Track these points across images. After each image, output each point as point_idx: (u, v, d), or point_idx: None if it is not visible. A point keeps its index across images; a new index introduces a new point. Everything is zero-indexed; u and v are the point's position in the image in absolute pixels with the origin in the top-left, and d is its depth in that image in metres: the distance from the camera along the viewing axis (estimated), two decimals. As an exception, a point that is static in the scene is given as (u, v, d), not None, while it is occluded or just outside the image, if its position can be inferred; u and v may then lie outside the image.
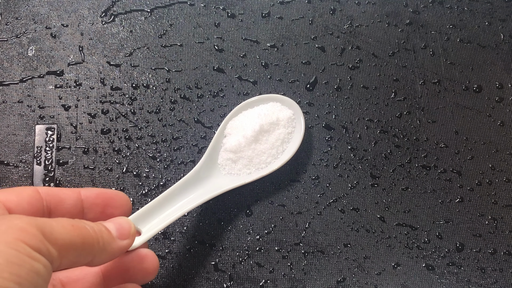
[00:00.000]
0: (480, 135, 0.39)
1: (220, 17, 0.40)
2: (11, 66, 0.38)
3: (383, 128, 0.39)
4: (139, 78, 0.38)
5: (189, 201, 0.32)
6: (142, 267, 0.28)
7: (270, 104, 0.36)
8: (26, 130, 0.37)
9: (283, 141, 0.35)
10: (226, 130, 0.36)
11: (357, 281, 0.35)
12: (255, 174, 0.34)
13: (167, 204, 0.31)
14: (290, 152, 0.35)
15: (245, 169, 0.35)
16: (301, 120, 0.36)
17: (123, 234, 0.26)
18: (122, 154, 0.37)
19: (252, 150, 0.34)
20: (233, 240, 0.35)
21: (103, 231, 0.25)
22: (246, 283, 0.34)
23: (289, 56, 0.40)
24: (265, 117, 0.35)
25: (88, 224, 0.24)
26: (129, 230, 0.27)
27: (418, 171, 0.38)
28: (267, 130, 0.35)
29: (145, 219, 0.30)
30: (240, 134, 0.34)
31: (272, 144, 0.35)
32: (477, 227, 0.37)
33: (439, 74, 0.41)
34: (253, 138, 0.34)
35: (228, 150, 0.35)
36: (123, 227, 0.26)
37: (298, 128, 0.36)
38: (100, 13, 0.40)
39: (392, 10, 0.42)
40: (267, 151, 0.35)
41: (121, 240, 0.26)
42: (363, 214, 0.37)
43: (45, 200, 0.26)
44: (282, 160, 0.35)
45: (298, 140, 0.35)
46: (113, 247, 0.25)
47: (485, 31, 0.42)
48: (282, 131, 0.35)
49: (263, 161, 0.35)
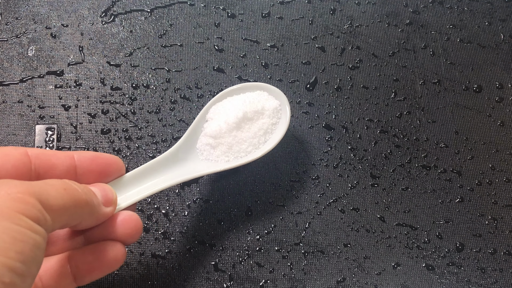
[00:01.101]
0: (480, 135, 0.39)
1: (220, 17, 0.40)
2: (11, 66, 0.38)
3: (383, 128, 0.39)
4: (139, 78, 0.38)
5: (164, 180, 0.31)
6: (124, 229, 0.27)
7: (256, 93, 0.35)
8: (26, 130, 0.37)
9: (266, 131, 0.34)
10: (208, 114, 0.34)
11: (357, 281, 0.35)
12: (233, 162, 0.33)
13: (144, 179, 0.31)
14: (271, 143, 0.34)
15: (224, 156, 0.33)
16: (287, 111, 0.34)
17: (107, 201, 0.26)
18: (122, 154, 0.37)
19: (233, 137, 0.33)
20: (233, 240, 0.35)
21: (92, 195, 0.24)
22: (246, 283, 0.34)
23: (289, 56, 0.40)
24: (250, 105, 0.34)
25: (79, 186, 0.23)
26: (112, 197, 0.26)
27: (418, 171, 0.38)
28: (251, 118, 0.33)
29: (122, 189, 0.30)
30: (222, 120, 0.33)
31: (255, 133, 0.34)
32: (477, 227, 0.37)
33: (439, 74, 0.41)
34: (235, 125, 0.33)
35: (208, 135, 0.33)
36: (107, 194, 0.26)
37: (283, 120, 0.34)
38: (100, 13, 0.40)
39: (392, 10, 0.42)
40: (248, 140, 0.33)
41: (105, 206, 0.25)
42: (363, 214, 0.37)
43: (34, 164, 0.25)
44: (263, 150, 0.33)
45: (281, 131, 0.34)
46: (100, 212, 0.25)
47: (485, 31, 0.42)
48: (266, 121, 0.34)
49: (243, 149, 0.33)
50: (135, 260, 0.34)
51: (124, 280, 0.34)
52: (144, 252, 0.34)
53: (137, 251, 0.34)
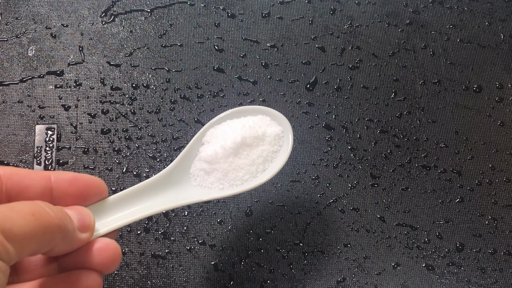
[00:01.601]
0: (480, 135, 0.39)
1: (220, 17, 0.40)
2: (11, 66, 0.38)
3: (383, 128, 0.39)
4: (139, 78, 0.38)
5: (151, 206, 0.29)
6: (101, 258, 0.24)
7: (258, 117, 0.33)
8: (26, 130, 0.37)
9: (266, 159, 0.32)
10: (205, 137, 0.32)
11: (357, 281, 0.35)
12: (228, 191, 0.31)
13: (129, 203, 0.29)
14: (271, 172, 0.31)
15: (218, 183, 0.31)
16: (290, 139, 0.32)
17: (84, 226, 0.24)
18: (122, 154, 0.37)
19: (229, 164, 0.31)
20: (233, 240, 0.35)
21: (67, 219, 0.22)
22: (246, 283, 0.34)
23: (289, 56, 0.40)
24: (250, 130, 0.31)
25: (52, 209, 0.21)
26: (89, 222, 0.24)
27: (418, 171, 0.38)
28: (250, 144, 0.31)
29: (103, 213, 0.27)
30: (219, 144, 0.31)
31: (253, 160, 0.31)
32: (477, 227, 0.37)
33: (439, 74, 0.41)
34: (232, 151, 0.31)
35: (202, 159, 0.31)
36: (85, 218, 0.24)
37: (285, 148, 0.32)
38: (100, 13, 0.40)
39: (392, 10, 0.42)
40: (245, 167, 0.31)
41: (81, 232, 0.23)
42: (363, 214, 0.37)
43: (5, 185, 0.23)
44: (261, 180, 0.31)
45: (282, 160, 0.31)
46: (74, 238, 0.23)
47: (485, 31, 0.42)
48: (267, 148, 0.32)
49: (239, 177, 0.31)
50: (135, 260, 0.34)
51: (124, 280, 0.34)
52: (144, 252, 0.34)
53: (137, 251, 0.34)
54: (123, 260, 0.34)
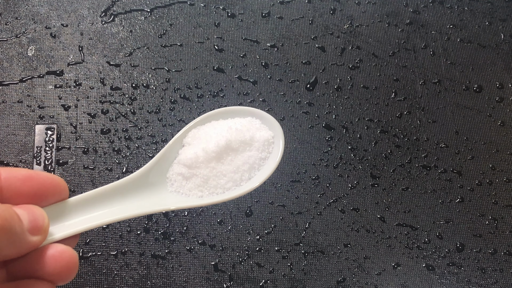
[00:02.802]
0: (480, 135, 0.39)
1: (220, 17, 0.40)
2: (11, 66, 0.38)
3: (383, 128, 0.39)
4: (139, 78, 0.38)
5: (120, 210, 0.26)
6: (54, 267, 0.22)
7: (247, 119, 0.30)
8: (26, 130, 0.36)
9: (252, 166, 0.29)
10: (186, 139, 0.29)
11: (357, 281, 0.35)
12: (207, 199, 0.28)
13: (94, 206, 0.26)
14: (257, 181, 0.28)
15: (197, 190, 0.28)
16: (280, 145, 0.29)
17: (35, 228, 0.21)
18: (122, 154, 0.36)
19: (210, 170, 0.28)
20: (233, 240, 0.35)
21: (14, 219, 0.19)
22: (246, 283, 0.34)
23: (289, 56, 0.40)
24: (237, 133, 0.28)
25: None
26: (41, 224, 0.21)
27: (419, 171, 0.38)
28: (235, 149, 0.28)
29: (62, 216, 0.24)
30: (200, 147, 0.28)
31: (238, 167, 0.28)
32: (478, 227, 0.37)
33: (440, 74, 0.41)
34: (215, 155, 0.28)
35: (181, 163, 0.28)
36: (37, 219, 0.21)
37: (274, 155, 0.29)
38: (100, 13, 0.40)
39: (392, 10, 0.42)
40: (228, 174, 0.28)
41: (32, 235, 0.21)
42: (363, 214, 0.36)
43: None
44: (244, 189, 0.28)
45: (270, 168, 0.28)
46: (23, 241, 0.20)
47: (486, 31, 0.42)
48: (254, 154, 0.29)
49: (221, 185, 0.28)
50: (135, 260, 0.34)
51: (124, 280, 0.34)
52: (144, 252, 0.34)
53: (137, 251, 0.34)
54: (123, 260, 0.34)
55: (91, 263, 0.34)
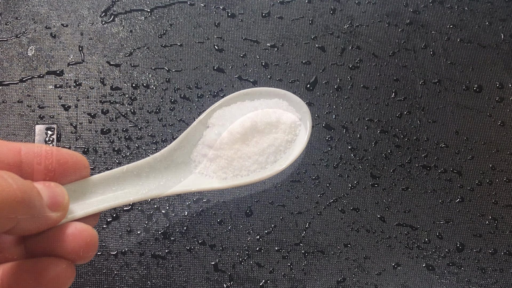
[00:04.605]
0: (480, 135, 0.39)
1: (220, 17, 0.40)
2: (11, 66, 0.38)
3: (383, 128, 0.39)
4: (139, 78, 0.38)
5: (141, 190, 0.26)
6: (73, 245, 0.21)
7: (274, 101, 0.29)
8: (26, 130, 0.36)
9: (278, 149, 0.28)
10: (211, 119, 0.28)
11: (357, 281, 0.35)
12: (231, 181, 0.27)
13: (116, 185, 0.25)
14: (282, 164, 0.27)
15: (221, 172, 0.27)
16: (308, 128, 0.28)
17: (55, 204, 0.21)
18: (122, 154, 0.36)
19: (235, 151, 0.27)
20: (233, 240, 0.35)
21: (34, 194, 0.19)
22: (246, 283, 0.34)
23: (289, 56, 0.40)
24: (263, 115, 0.28)
25: (15, 181, 0.18)
26: (62, 200, 0.21)
27: (419, 171, 0.38)
28: (261, 130, 0.28)
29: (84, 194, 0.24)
30: (225, 128, 0.27)
31: (263, 149, 0.27)
32: (478, 227, 0.37)
33: (440, 74, 0.41)
34: (240, 136, 0.27)
35: (206, 144, 0.28)
36: (57, 195, 0.21)
37: (301, 138, 0.28)
38: (100, 13, 0.40)
39: (392, 10, 0.42)
40: (253, 157, 0.27)
41: (51, 211, 0.20)
42: (363, 214, 0.36)
43: None
44: (269, 171, 0.27)
45: (296, 151, 0.28)
46: (43, 216, 0.20)
47: (486, 31, 0.42)
48: (280, 136, 0.28)
49: (246, 167, 0.27)
50: (135, 260, 0.34)
51: (124, 280, 0.34)
52: (144, 252, 0.34)
53: (137, 251, 0.34)
54: (123, 260, 0.34)
55: (91, 263, 0.34)
